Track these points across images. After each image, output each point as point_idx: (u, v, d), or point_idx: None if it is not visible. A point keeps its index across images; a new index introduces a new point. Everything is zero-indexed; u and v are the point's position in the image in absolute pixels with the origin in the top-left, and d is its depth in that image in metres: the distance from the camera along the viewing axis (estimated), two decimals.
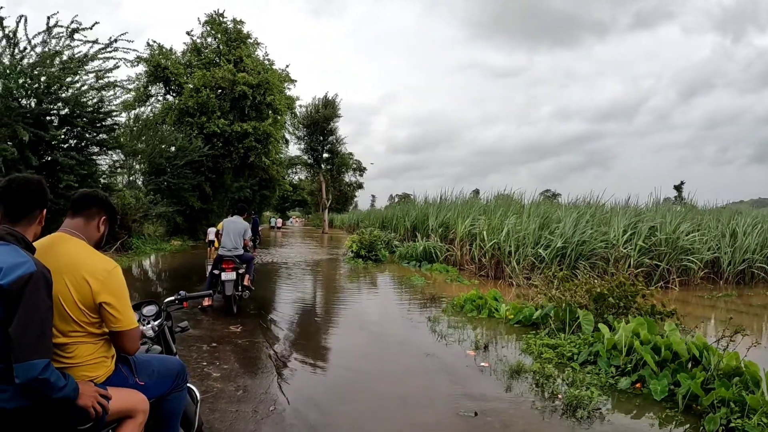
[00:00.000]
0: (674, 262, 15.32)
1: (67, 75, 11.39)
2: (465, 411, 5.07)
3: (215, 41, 32.88)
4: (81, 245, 2.70)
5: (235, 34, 32.49)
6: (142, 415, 2.71)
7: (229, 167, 30.87)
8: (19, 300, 2.13)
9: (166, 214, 25.69)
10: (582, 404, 5.12)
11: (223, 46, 32.18)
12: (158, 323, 3.43)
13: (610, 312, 7.92)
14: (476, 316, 9.71)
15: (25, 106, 10.90)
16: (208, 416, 4.77)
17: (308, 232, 59.02)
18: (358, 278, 16.16)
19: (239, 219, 10.36)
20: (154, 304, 3.57)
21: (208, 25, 32.70)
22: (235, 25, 32.75)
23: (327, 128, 49.34)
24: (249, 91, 29.88)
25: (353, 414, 5.14)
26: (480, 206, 21.31)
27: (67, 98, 11.51)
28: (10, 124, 10.37)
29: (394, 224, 29.41)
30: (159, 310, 3.54)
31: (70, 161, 11.26)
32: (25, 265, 2.19)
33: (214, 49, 32.55)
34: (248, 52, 32.27)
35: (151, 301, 3.58)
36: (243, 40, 32.64)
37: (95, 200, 2.87)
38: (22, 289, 2.14)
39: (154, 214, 24.27)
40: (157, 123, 26.80)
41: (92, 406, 2.39)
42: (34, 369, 2.11)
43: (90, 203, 2.85)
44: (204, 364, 6.53)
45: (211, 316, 9.47)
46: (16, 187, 2.44)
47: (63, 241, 2.67)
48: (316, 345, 8.11)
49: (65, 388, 2.24)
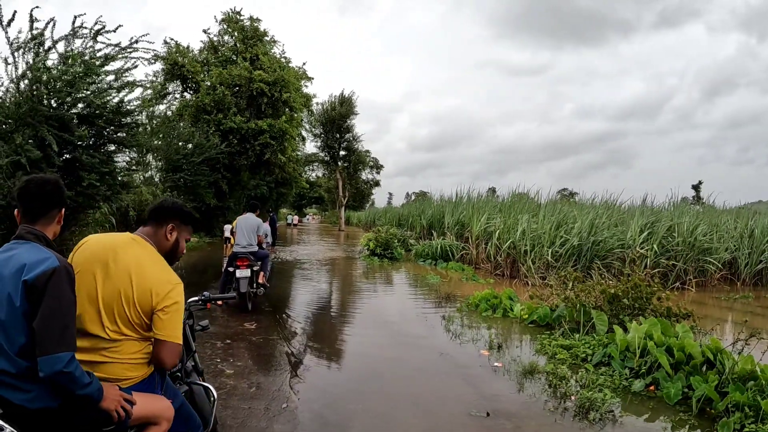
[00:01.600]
0: (691, 263, 15.17)
1: (89, 75, 11.46)
2: (477, 411, 5.07)
3: (232, 39, 32.97)
4: (150, 251, 2.79)
5: (252, 32, 32.53)
6: (166, 423, 2.70)
7: (246, 164, 30.92)
8: (42, 294, 2.17)
9: None
10: (595, 406, 5.10)
11: (240, 44, 32.25)
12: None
13: (625, 313, 7.87)
14: (491, 316, 9.70)
15: (47, 106, 10.97)
16: (221, 413, 4.78)
17: (325, 229, 59.13)
18: (373, 276, 16.20)
19: (252, 216, 10.40)
20: None
21: (225, 23, 32.80)
22: (251, 23, 32.80)
23: (343, 126, 49.31)
24: (265, 88, 29.94)
25: (365, 412, 5.15)
26: (495, 205, 21.23)
27: (87, 98, 11.57)
28: (33, 125, 10.46)
29: (410, 222, 29.39)
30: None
31: (92, 160, 11.33)
32: (48, 261, 2.24)
33: (230, 47, 32.68)
34: (264, 50, 32.29)
35: None
36: (259, 38, 32.69)
37: (162, 209, 2.94)
38: (46, 283, 2.18)
39: None
40: (174, 120, 26.89)
41: (115, 409, 2.39)
42: (59, 362, 2.13)
43: (158, 212, 2.94)
44: (218, 360, 6.58)
45: (226, 313, 9.54)
46: (33, 187, 2.46)
47: (136, 243, 2.78)
48: (330, 343, 8.15)
49: (89, 387, 2.24)
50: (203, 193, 26.29)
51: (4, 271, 2.25)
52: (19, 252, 2.30)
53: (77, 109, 11.67)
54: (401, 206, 43.59)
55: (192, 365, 3.74)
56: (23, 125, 10.54)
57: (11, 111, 10.69)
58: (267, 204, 35.17)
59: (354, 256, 22.61)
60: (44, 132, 10.35)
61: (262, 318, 9.32)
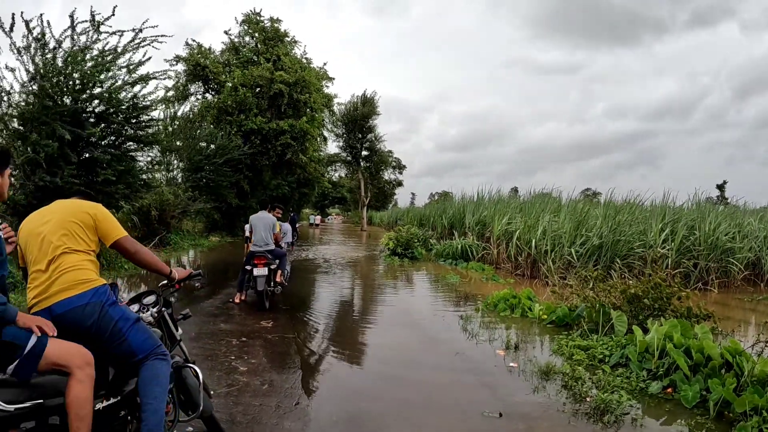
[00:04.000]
0: (713, 263, 14.94)
1: (101, 71, 11.56)
2: (489, 411, 5.02)
3: (253, 40, 33.23)
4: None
5: (273, 33, 32.76)
6: (82, 372, 2.69)
7: (267, 165, 31.15)
8: None
9: (205, 211, 26.04)
10: (610, 408, 5.02)
11: (261, 45, 32.50)
12: (156, 310, 3.58)
13: (645, 314, 7.77)
14: (509, 316, 9.64)
15: (61, 105, 11.09)
16: (231, 409, 4.86)
17: (347, 229, 59.34)
18: (393, 276, 16.19)
19: (266, 214, 10.38)
20: (153, 293, 3.73)
21: (246, 24, 33.06)
22: (272, 24, 33.03)
23: (366, 126, 49.47)
24: (286, 89, 30.11)
25: (376, 411, 5.14)
26: (517, 205, 21.11)
27: (101, 95, 11.68)
28: (48, 123, 10.59)
29: (431, 222, 29.37)
30: (157, 297, 3.70)
31: (105, 157, 11.44)
32: None
33: (251, 48, 32.89)
34: (285, 51, 32.50)
35: (150, 291, 3.76)
36: (280, 39, 32.89)
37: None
38: None
39: (192, 211, 24.63)
40: (196, 121, 27.14)
41: (34, 325, 2.61)
42: None
43: None
44: (232, 358, 6.63)
45: (243, 311, 9.60)
46: None
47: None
48: (345, 341, 8.13)
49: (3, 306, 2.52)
50: (225, 193, 26.54)
51: None
52: None
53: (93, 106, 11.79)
54: (424, 206, 43.58)
55: (180, 356, 3.86)
56: (38, 123, 10.67)
57: (25, 110, 10.83)
58: (289, 204, 35.37)
59: (375, 256, 22.65)
60: (58, 127, 10.47)
61: (279, 316, 9.34)
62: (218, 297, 10.79)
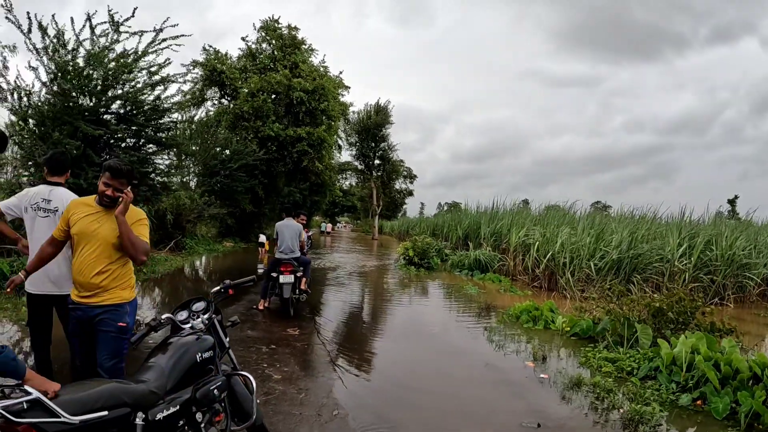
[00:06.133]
0: (730, 278, 15.00)
1: (122, 73, 11.65)
2: (527, 422, 5.16)
3: (270, 47, 33.40)
4: None
5: (290, 40, 32.91)
6: None
7: (283, 171, 31.27)
8: None
9: (219, 216, 26.12)
10: (644, 420, 5.15)
11: (278, 52, 32.64)
12: (207, 317, 3.62)
13: (669, 327, 7.89)
14: (532, 327, 9.76)
15: (82, 105, 11.19)
16: (272, 418, 4.90)
17: (358, 238, 59.18)
18: (411, 286, 16.28)
19: (292, 221, 10.40)
20: (202, 300, 3.77)
21: (263, 31, 33.23)
22: (289, 32, 33.17)
23: (379, 135, 49.60)
24: (304, 96, 30.28)
25: (416, 421, 5.23)
26: (533, 217, 21.21)
27: (122, 96, 11.77)
28: (69, 122, 10.69)
29: (445, 232, 29.38)
30: (207, 304, 3.73)
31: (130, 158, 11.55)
32: None
33: (268, 54, 33.08)
34: (303, 58, 32.62)
35: (199, 298, 3.79)
36: (297, 47, 33.05)
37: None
38: None
39: (207, 216, 24.69)
40: (212, 126, 27.25)
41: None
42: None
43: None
44: (264, 365, 6.69)
45: (269, 319, 9.67)
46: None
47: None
48: (374, 351, 8.23)
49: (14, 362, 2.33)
50: (240, 198, 26.62)
51: None
52: None
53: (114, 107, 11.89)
54: (434, 216, 43.57)
55: (229, 365, 3.86)
56: (60, 123, 10.78)
57: (46, 110, 10.94)
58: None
59: (390, 265, 22.71)
60: (82, 125, 10.57)
61: (305, 324, 9.45)
62: (241, 303, 10.84)
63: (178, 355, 3.18)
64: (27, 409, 2.21)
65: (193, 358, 3.23)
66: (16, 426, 2.17)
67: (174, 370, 3.08)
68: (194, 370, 3.23)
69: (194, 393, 3.14)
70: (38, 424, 2.22)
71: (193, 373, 3.22)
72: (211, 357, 3.40)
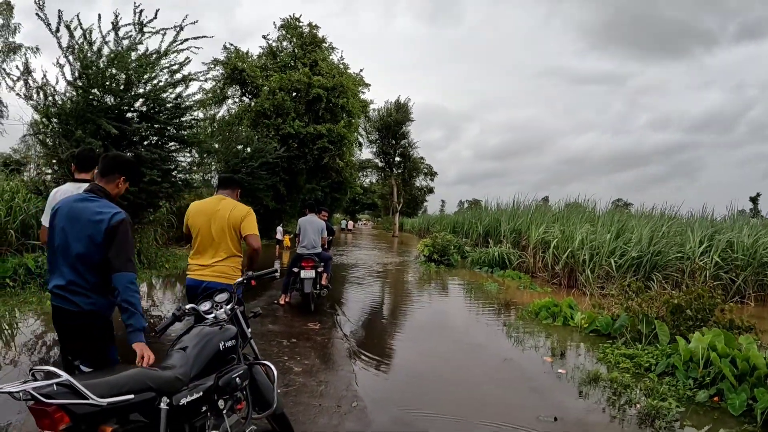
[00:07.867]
0: (751, 276, 14.89)
1: (145, 72, 11.72)
2: (545, 416, 5.23)
3: (290, 45, 33.62)
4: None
5: (310, 39, 33.11)
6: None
7: (304, 168, 31.46)
8: (115, 235, 3.20)
9: None
10: (661, 415, 5.20)
11: (298, 50, 32.85)
12: (230, 307, 3.72)
13: (687, 324, 7.89)
14: (551, 324, 9.81)
15: (105, 103, 11.28)
16: (292, 408, 4.99)
17: (378, 235, 59.22)
18: (431, 282, 16.40)
19: (314, 217, 10.50)
20: (226, 291, 3.87)
21: (284, 29, 33.50)
22: (310, 30, 33.38)
23: (399, 132, 49.61)
24: (324, 93, 30.46)
25: (434, 413, 5.29)
26: (552, 214, 21.17)
27: (145, 94, 11.86)
28: (92, 120, 10.79)
29: (465, 229, 29.33)
30: (230, 295, 3.83)
31: (152, 155, 11.64)
32: (120, 213, 3.27)
33: (289, 52, 33.31)
34: (323, 56, 32.83)
35: (223, 289, 3.90)
36: (318, 44, 33.25)
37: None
38: (118, 228, 3.22)
39: None
40: (233, 124, 27.39)
41: (142, 353, 3.11)
42: (129, 276, 3.18)
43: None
44: (285, 358, 6.81)
45: (289, 313, 9.80)
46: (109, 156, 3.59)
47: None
48: (393, 345, 8.31)
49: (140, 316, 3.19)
50: (262, 195, 26.76)
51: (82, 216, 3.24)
52: (96, 204, 3.31)
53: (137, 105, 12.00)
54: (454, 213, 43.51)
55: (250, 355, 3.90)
56: (83, 121, 10.89)
57: (70, 108, 11.06)
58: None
59: (411, 262, 22.79)
60: (104, 122, 10.69)
61: (325, 318, 9.57)
62: (262, 298, 11.01)
63: (203, 343, 3.24)
64: (57, 392, 2.27)
65: (216, 346, 3.30)
66: (46, 407, 2.24)
67: (198, 358, 3.14)
68: (217, 359, 3.29)
69: (217, 380, 3.20)
70: (67, 405, 2.29)
71: (216, 361, 3.29)
72: (233, 346, 3.46)
